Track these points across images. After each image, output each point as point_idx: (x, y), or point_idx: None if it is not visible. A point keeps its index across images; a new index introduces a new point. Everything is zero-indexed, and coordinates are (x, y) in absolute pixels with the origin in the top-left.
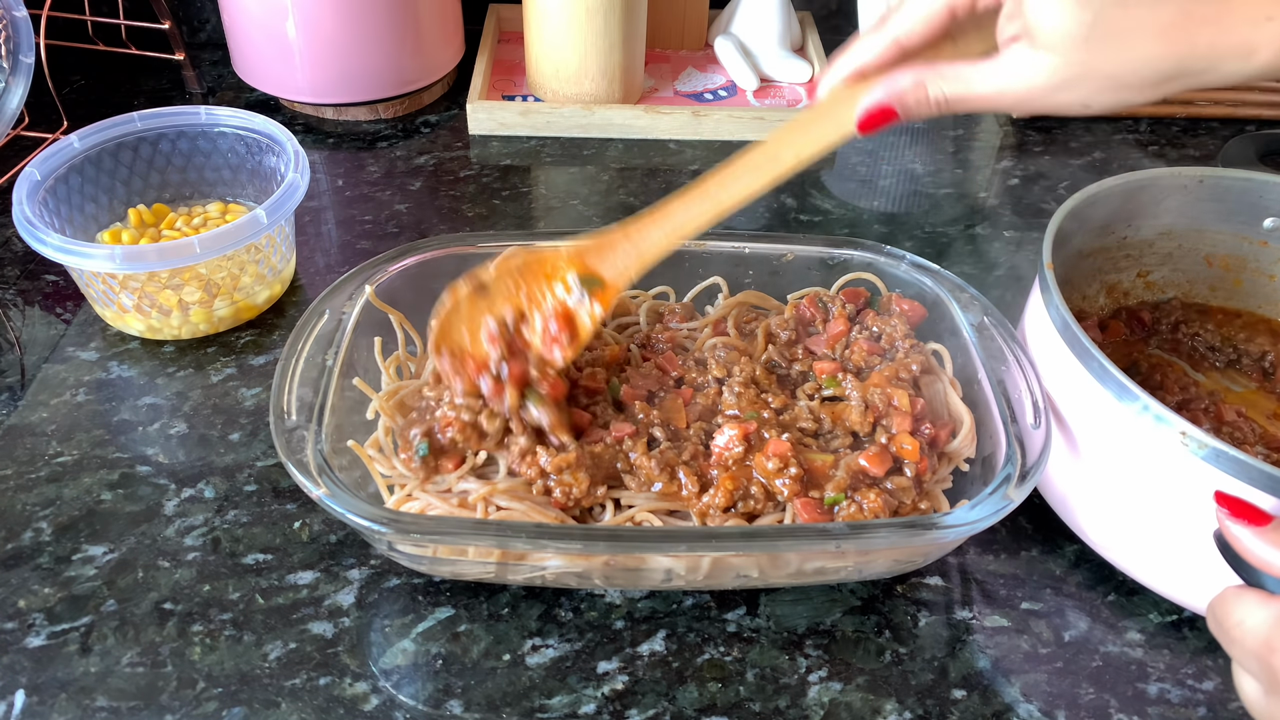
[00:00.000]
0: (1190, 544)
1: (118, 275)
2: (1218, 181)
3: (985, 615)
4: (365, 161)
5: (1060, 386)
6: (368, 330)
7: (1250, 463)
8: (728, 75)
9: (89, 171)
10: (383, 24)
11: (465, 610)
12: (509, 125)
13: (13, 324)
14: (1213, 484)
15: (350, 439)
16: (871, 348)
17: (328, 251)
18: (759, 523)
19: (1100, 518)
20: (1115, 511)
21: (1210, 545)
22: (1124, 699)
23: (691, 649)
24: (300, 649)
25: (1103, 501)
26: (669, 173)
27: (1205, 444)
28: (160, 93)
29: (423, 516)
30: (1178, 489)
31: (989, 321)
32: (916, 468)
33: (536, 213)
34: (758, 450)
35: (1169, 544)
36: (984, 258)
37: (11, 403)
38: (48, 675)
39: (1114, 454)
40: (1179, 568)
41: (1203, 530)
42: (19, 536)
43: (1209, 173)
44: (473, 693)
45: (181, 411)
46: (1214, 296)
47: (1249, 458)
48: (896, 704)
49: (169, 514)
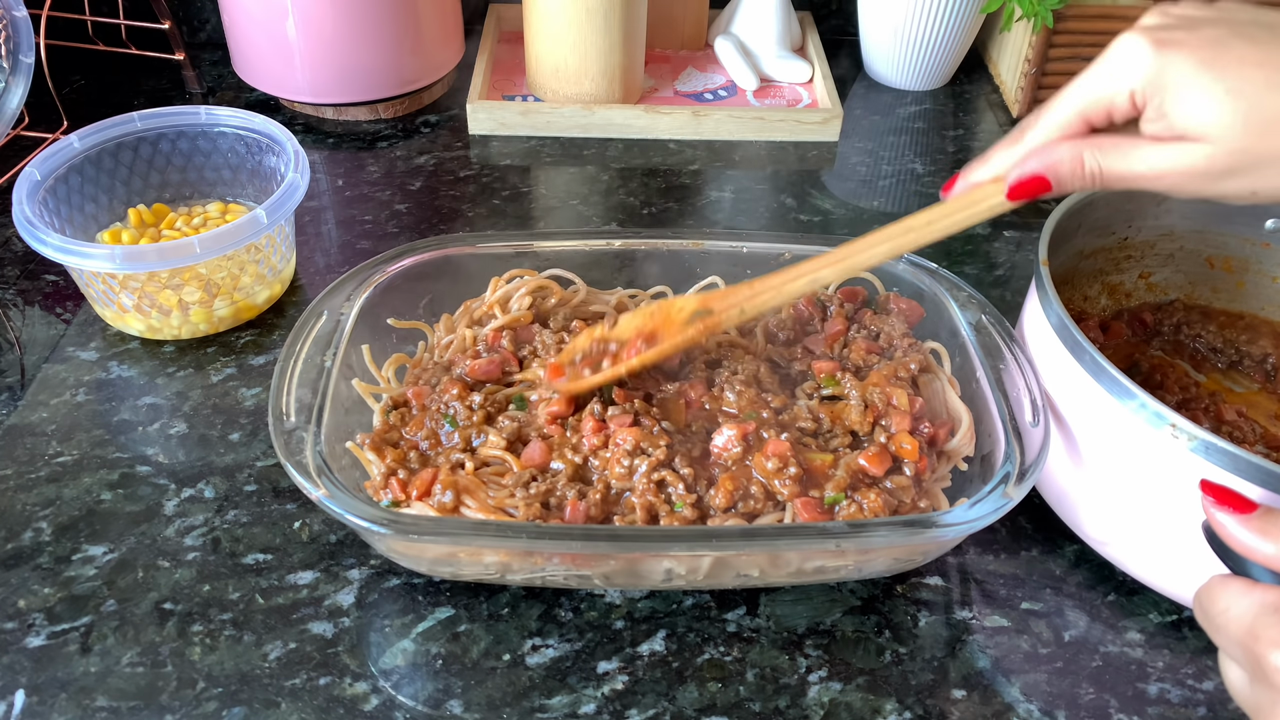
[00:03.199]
0: (1187, 540)
1: (118, 275)
2: None
3: (985, 615)
4: (365, 161)
5: (1058, 385)
6: (366, 331)
7: (1239, 454)
8: (728, 75)
9: (89, 171)
10: (383, 24)
11: (465, 610)
12: (509, 125)
13: (13, 324)
14: (1204, 477)
15: (349, 439)
16: (870, 347)
17: (328, 251)
18: (759, 522)
19: (1098, 515)
20: (1113, 509)
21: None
22: (1124, 699)
23: (691, 649)
24: (300, 649)
25: (1100, 499)
26: (669, 173)
27: (1195, 436)
28: (160, 93)
29: (422, 517)
30: (1172, 484)
31: (987, 320)
32: (916, 467)
33: (536, 213)
34: (757, 450)
35: (1166, 540)
36: (984, 257)
37: (11, 403)
38: (48, 675)
39: (1111, 451)
40: (1177, 564)
41: (1199, 525)
42: (19, 536)
43: None
44: (473, 693)
45: (181, 411)
46: (1216, 298)
47: (1237, 449)
48: (896, 704)
49: (169, 514)
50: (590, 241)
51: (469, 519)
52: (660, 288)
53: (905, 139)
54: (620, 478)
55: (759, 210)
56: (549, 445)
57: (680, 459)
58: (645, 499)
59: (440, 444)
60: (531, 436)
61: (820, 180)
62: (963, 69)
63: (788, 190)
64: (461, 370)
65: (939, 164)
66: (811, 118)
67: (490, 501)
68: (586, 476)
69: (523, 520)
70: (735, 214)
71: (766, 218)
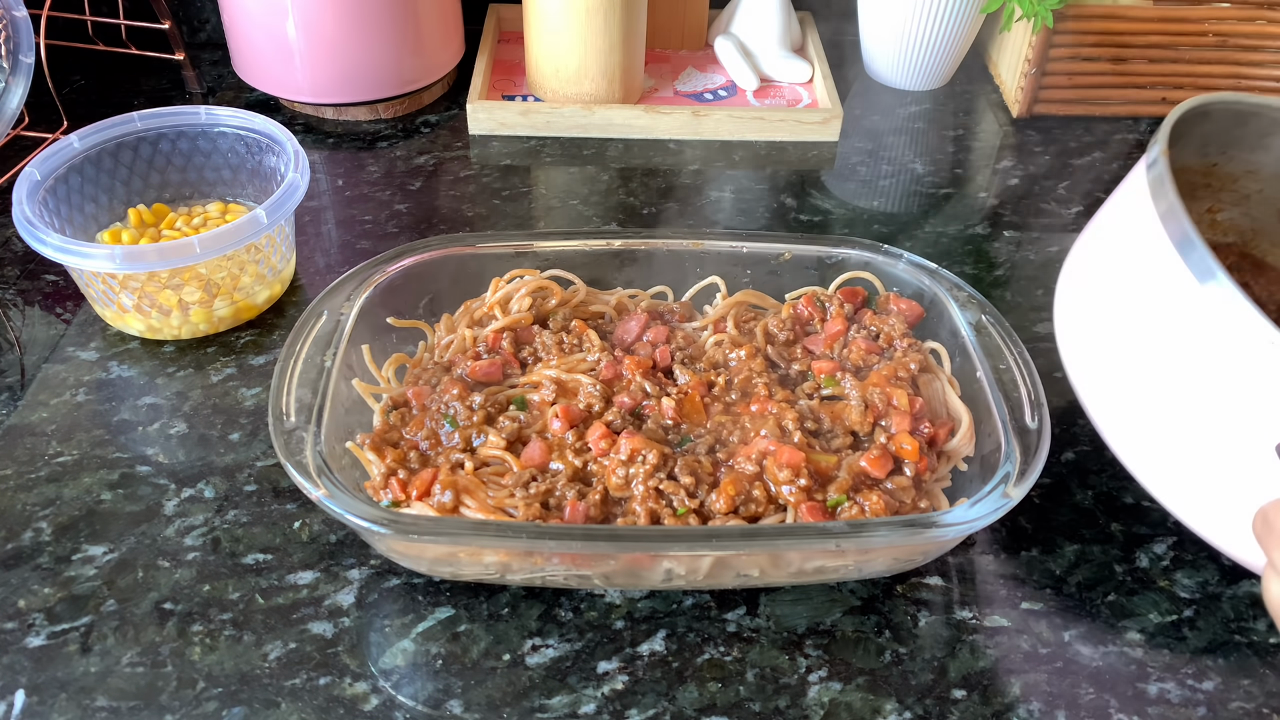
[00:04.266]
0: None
1: (118, 275)
2: None
3: (985, 615)
4: (365, 161)
5: (1150, 283)
6: (366, 331)
7: None
8: (728, 75)
9: (89, 171)
10: (383, 24)
11: (465, 610)
12: (509, 125)
13: (13, 324)
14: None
15: (349, 439)
16: (870, 347)
17: (328, 251)
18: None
19: (1158, 430)
20: (1176, 423)
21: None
22: (1124, 699)
23: (691, 649)
24: (300, 649)
25: (1168, 408)
26: (669, 173)
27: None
28: (160, 93)
29: (422, 517)
30: (1254, 391)
31: (987, 320)
32: (916, 467)
33: (536, 213)
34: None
35: (1230, 464)
36: (984, 257)
37: (11, 403)
38: (48, 675)
39: (1204, 358)
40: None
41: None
42: (19, 536)
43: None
44: (473, 693)
45: (181, 411)
46: (1273, 252)
47: None
48: (896, 704)
49: (169, 514)
50: (590, 241)
51: (469, 519)
52: (660, 288)
53: (905, 139)
54: (617, 488)
55: (759, 210)
56: (549, 445)
57: (681, 467)
58: (646, 505)
59: (440, 444)
60: (531, 437)
61: (820, 180)
62: (963, 69)
63: (787, 190)
64: (462, 371)
65: (939, 164)
66: (811, 118)
67: (490, 501)
68: (586, 477)
69: (522, 520)
70: (735, 214)
71: (766, 218)
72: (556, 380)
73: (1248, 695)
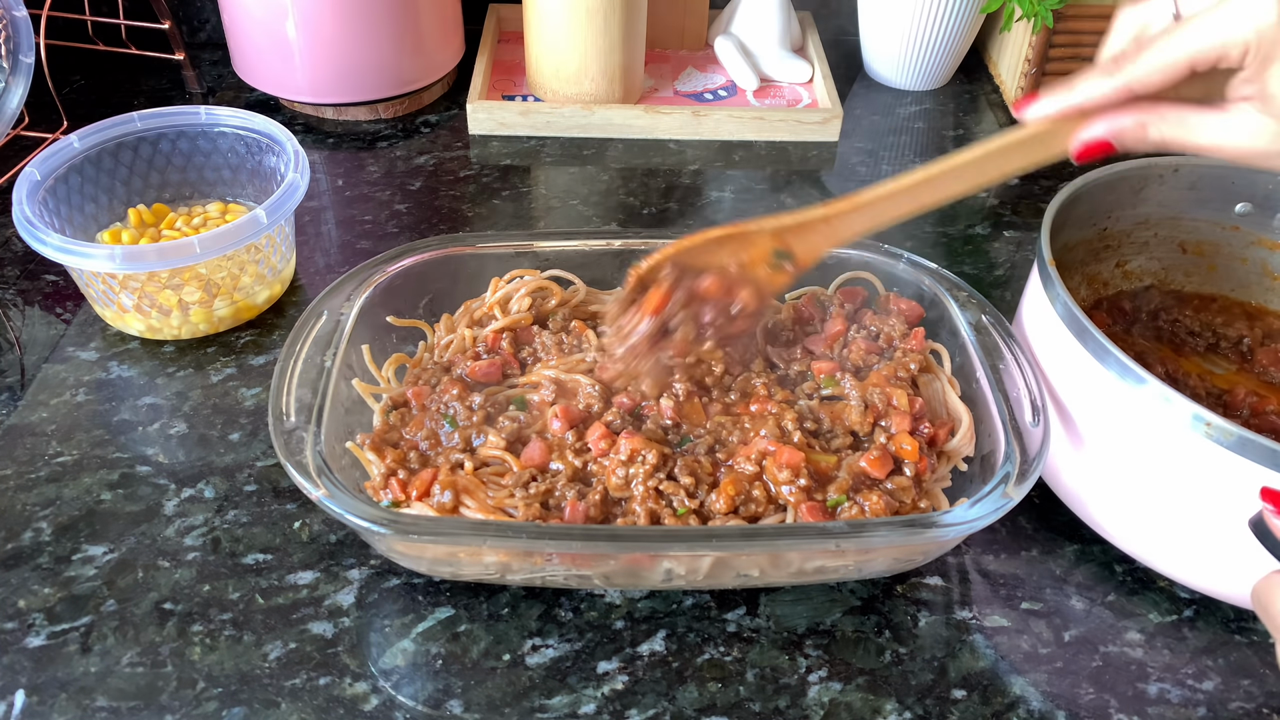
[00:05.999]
0: (1205, 527)
1: (118, 275)
2: (1192, 169)
3: (985, 615)
4: (365, 161)
5: (1065, 378)
6: (366, 331)
7: (1270, 445)
8: (728, 75)
9: (89, 171)
10: (383, 24)
11: (465, 610)
12: (509, 125)
13: (13, 324)
14: (1223, 464)
15: (349, 439)
16: (870, 347)
17: (328, 251)
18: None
19: (1114, 507)
20: (1129, 500)
21: (1234, 528)
22: (1124, 699)
23: (691, 649)
24: (300, 649)
25: (1114, 490)
26: (669, 173)
27: (1230, 433)
28: (160, 93)
29: (422, 517)
30: (1192, 472)
31: (987, 320)
32: (916, 467)
33: (536, 213)
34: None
35: (1185, 529)
36: (984, 257)
37: (11, 403)
38: (48, 675)
39: (1123, 440)
40: (1195, 552)
41: (1218, 512)
42: (19, 536)
43: (1183, 161)
44: (472, 693)
45: (181, 411)
46: (1189, 282)
47: (1272, 442)
48: (896, 704)
49: (169, 514)
50: (590, 241)
51: (469, 519)
52: None
53: (905, 139)
54: (617, 488)
55: (759, 210)
56: (548, 445)
57: (681, 467)
58: (646, 506)
59: (440, 444)
60: (531, 437)
61: (820, 180)
62: (963, 69)
63: (788, 190)
64: (462, 371)
65: None
66: (811, 118)
67: (490, 501)
68: (586, 477)
69: (522, 520)
70: (735, 214)
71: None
72: (556, 380)
73: (1248, 695)
